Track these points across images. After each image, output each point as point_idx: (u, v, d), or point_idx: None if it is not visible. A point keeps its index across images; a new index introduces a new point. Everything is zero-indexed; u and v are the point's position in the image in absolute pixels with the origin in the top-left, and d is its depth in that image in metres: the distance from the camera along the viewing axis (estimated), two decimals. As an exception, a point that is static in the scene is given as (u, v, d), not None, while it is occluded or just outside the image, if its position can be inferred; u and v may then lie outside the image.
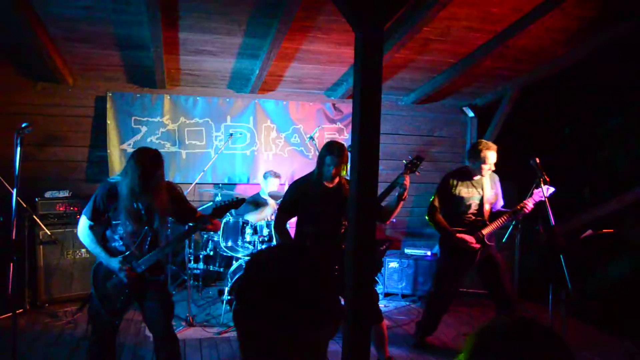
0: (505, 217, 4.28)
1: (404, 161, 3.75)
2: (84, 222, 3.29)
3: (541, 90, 6.52)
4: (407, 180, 3.67)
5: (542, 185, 4.00)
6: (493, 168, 4.33)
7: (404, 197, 3.68)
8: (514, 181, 5.57)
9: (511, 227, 4.49)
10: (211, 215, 3.45)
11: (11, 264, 3.44)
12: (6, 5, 4.01)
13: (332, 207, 3.74)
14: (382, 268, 6.24)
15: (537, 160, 4.04)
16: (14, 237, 3.48)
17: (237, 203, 3.54)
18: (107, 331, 3.37)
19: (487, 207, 4.38)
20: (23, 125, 3.48)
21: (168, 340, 3.41)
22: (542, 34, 4.81)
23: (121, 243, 3.30)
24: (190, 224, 3.54)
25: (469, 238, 4.24)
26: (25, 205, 5.15)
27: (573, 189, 6.22)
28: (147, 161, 3.18)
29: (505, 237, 5.23)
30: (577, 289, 3.79)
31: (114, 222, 3.30)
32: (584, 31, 4.85)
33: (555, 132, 7.07)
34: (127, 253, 3.27)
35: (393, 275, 6.25)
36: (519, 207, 4.18)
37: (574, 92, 6.42)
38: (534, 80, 6.23)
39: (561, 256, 3.71)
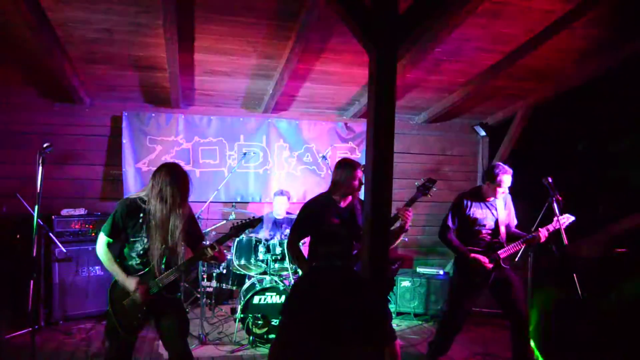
0: (521, 243, 4.28)
1: (416, 183, 3.76)
2: (102, 240, 3.29)
3: (553, 108, 6.54)
4: (409, 213, 3.69)
5: (554, 204, 4.01)
6: (507, 192, 4.36)
7: (405, 229, 3.70)
8: (527, 200, 5.55)
9: (524, 246, 4.48)
10: (217, 242, 3.42)
11: (31, 281, 3.48)
12: (28, 28, 4.12)
13: (345, 227, 3.76)
14: (394, 287, 6.22)
15: (550, 179, 4.06)
16: (34, 255, 3.53)
17: (253, 222, 3.56)
18: (123, 348, 3.36)
19: (502, 229, 4.38)
20: (45, 145, 3.57)
21: (184, 359, 3.41)
22: (552, 53, 4.86)
23: (139, 261, 3.30)
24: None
25: (483, 258, 4.23)
26: (42, 223, 5.22)
27: (587, 207, 6.19)
28: (186, 178, 3.34)
29: (518, 256, 5.21)
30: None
31: (132, 239, 3.30)
32: (594, 50, 4.90)
33: (568, 150, 7.06)
34: (145, 271, 3.28)
35: (405, 294, 6.23)
36: (534, 235, 4.18)
37: (586, 109, 6.43)
38: (545, 99, 6.26)
39: (574, 275, 3.70)
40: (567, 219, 4.11)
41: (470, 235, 4.37)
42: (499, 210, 4.38)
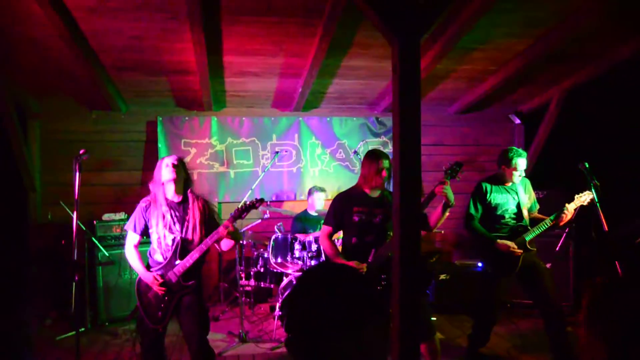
0: (546, 222, 4.21)
1: (443, 168, 3.70)
2: (128, 238, 3.64)
3: (589, 92, 6.34)
4: (441, 188, 3.47)
5: (592, 190, 3.91)
6: (523, 174, 4.33)
7: (450, 204, 3.59)
8: (565, 187, 5.42)
9: (564, 235, 4.38)
10: (227, 221, 3.60)
11: (73, 284, 3.62)
12: (62, 39, 4.26)
13: (377, 217, 3.76)
14: (432, 280, 6.15)
15: (587, 164, 3.96)
16: (74, 258, 3.66)
17: (253, 204, 3.75)
18: (152, 340, 3.58)
19: (525, 212, 4.33)
20: (81, 152, 3.70)
21: (202, 354, 3.53)
22: (585, 35, 4.70)
23: (160, 253, 3.58)
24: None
25: (510, 243, 4.17)
26: (84, 228, 5.40)
27: (629, 194, 5.99)
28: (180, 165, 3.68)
29: (559, 245, 5.09)
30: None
31: (150, 230, 3.61)
32: (627, 31, 4.73)
33: (607, 135, 6.84)
34: (164, 263, 3.54)
35: (444, 288, 6.15)
36: (558, 214, 4.11)
37: (624, 93, 6.21)
38: (580, 83, 6.08)
39: (616, 262, 3.60)
40: (586, 195, 4.07)
41: (494, 220, 4.32)
42: (520, 194, 4.32)
